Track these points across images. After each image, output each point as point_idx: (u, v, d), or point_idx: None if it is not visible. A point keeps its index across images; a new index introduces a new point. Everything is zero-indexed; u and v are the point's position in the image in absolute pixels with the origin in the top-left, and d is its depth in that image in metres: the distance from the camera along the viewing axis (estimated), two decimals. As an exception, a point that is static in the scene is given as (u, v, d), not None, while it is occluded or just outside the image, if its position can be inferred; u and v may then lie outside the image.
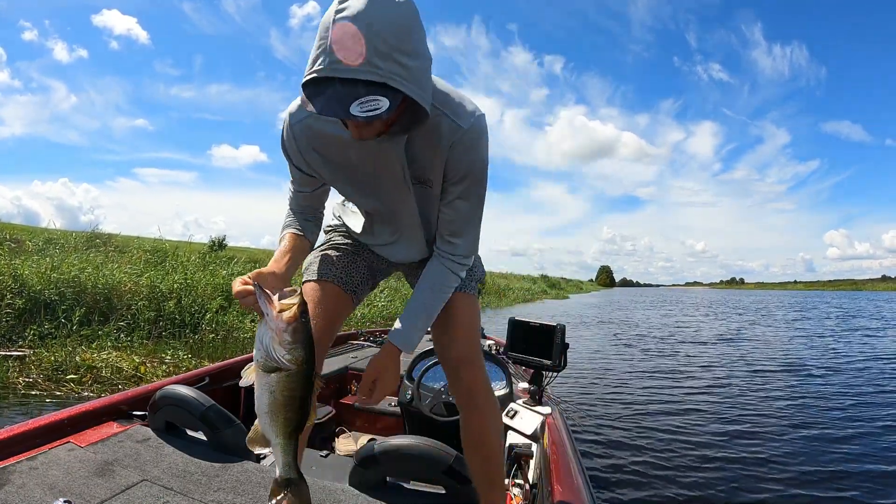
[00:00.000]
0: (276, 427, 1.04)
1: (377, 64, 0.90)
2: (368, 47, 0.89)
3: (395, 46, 0.91)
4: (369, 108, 0.90)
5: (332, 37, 0.89)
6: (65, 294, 7.13)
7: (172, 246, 13.92)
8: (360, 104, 0.90)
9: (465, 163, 1.22)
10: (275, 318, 0.98)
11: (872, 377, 7.70)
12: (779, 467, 3.88)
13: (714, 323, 19.17)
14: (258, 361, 1.02)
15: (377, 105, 0.91)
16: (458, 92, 1.21)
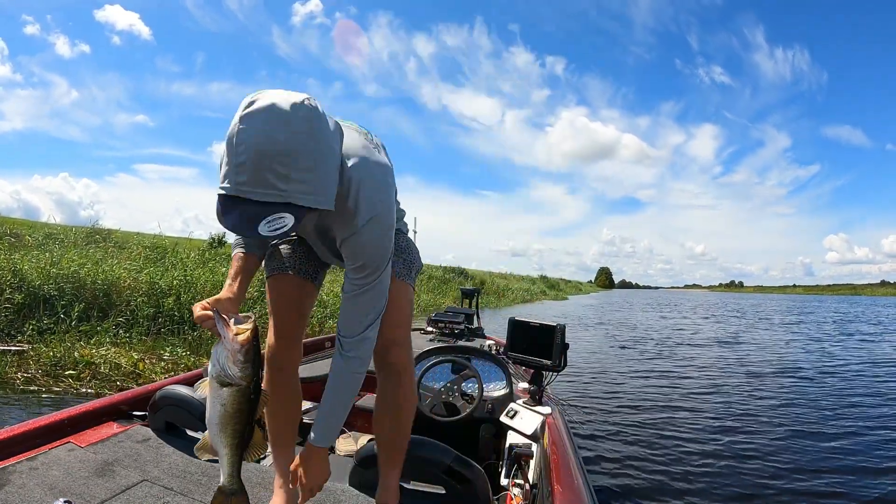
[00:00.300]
0: (223, 437, 1.12)
1: (280, 187, 0.94)
2: (270, 173, 0.93)
3: (295, 166, 0.95)
4: (275, 226, 0.97)
5: (235, 159, 0.92)
6: (64, 289, 7.10)
7: (172, 242, 13.91)
8: (267, 223, 0.96)
9: (358, 255, 1.25)
10: (231, 339, 1.08)
11: (868, 381, 7.74)
12: (777, 467, 3.89)
13: (713, 325, 19.20)
14: (212, 376, 1.10)
15: (283, 223, 0.98)
16: (374, 181, 1.21)
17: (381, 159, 1.26)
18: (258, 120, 0.92)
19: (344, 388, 1.37)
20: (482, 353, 2.83)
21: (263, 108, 0.92)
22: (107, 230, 13.32)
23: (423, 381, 2.63)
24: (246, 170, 0.91)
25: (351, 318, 1.30)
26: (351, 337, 1.30)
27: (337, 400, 1.38)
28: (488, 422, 2.56)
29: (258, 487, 1.63)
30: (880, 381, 7.76)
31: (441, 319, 4.54)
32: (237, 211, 0.95)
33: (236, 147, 0.91)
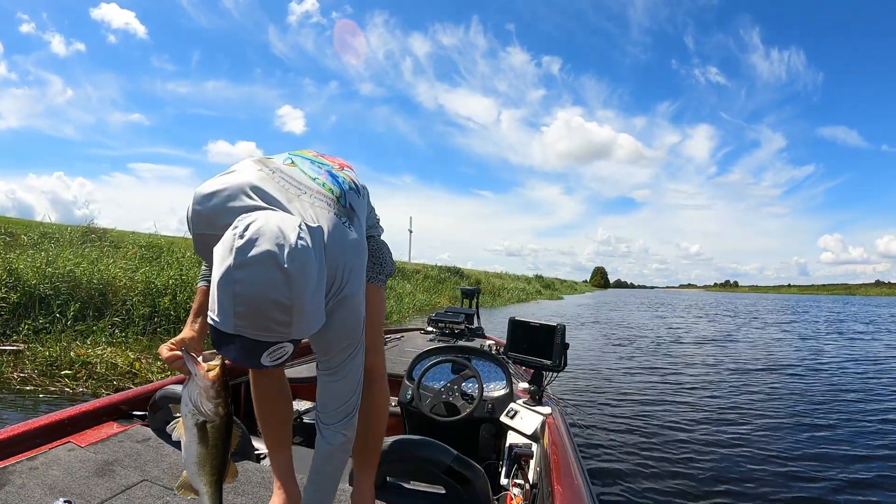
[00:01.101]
0: (203, 476, 1.14)
1: (281, 330, 0.93)
2: (272, 322, 0.91)
3: (297, 313, 0.93)
4: (277, 356, 0.96)
5: (234, 308, 0.89)
6: (60, 289, 7.08)
7: (168, 241, 13.86)
8: (269, 354, 0.95)
9: (329, 341, 1.25)
10: (202, 377, 1.09)
11: (862, 378, 7.81)
12: (776, 466, 3.91)
13: (709, 325, 19.27)
14: (186, 416, 1.12)
15: (284, 352, 0.97)
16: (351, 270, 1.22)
17: (352, 236, 1.21)
18: (257, 274, 0.88)
19: (335, 468, 1.34)
20: (482, 353, 2.83)
21: (262, 261, 0.89)
22: (102, 229, 13.25)
23: (423, 381, 2.62)
24: (246, 317, 0.89)
25: (327, 403, 1.29)
26: (331, 424, 1.29)
27: (328, 481, 1.34)
28: (488, 422, 2.56)
29: (258, 487, 1.63)
30: (872, 378, 7.84)
31: (441, 319, 4.54)
32: (236, 345, 0.92)
33: (235, 298, 0.88)
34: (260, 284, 0.89)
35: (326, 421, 1.29)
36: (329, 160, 1.36)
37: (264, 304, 0.89)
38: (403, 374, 2.73)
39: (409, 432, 2.68)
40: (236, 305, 0.89)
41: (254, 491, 1.60)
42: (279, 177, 1.18)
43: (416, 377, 2.63)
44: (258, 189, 1.12)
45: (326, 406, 1.28)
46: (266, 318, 0.90)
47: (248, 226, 0.92)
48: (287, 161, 1.26)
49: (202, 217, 1.15)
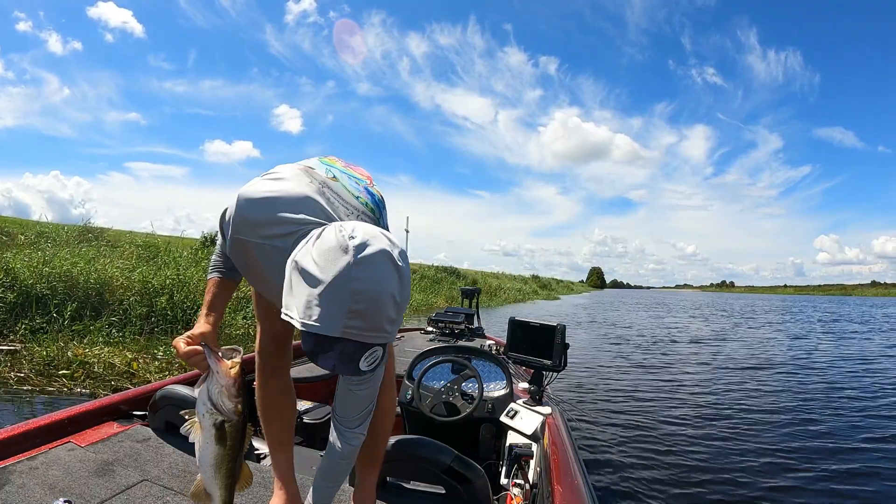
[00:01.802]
0: (219, 479, 1.13)
1: (388, 329, 0.93)
2: (385, 320, 0.91)
3: (401, 307, 0.95)
4: (373, 360, 0.94)
5: (352, 306, 0.88)
6: (56, 288, 7.06)
7: (164, 241, 13.83)
8: (366, 359, 0.93)
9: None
10: (224, 374, 1.07)
11: (856, 376, 7.87)
12: (776, 466, 3.93)
13: (706, 325, 19.31)
14: (203, 416, 1.09)
15: (377, 356, 0.94)
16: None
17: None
18: (378, 269, 0.90)
19: (344, 467, 1.40)
20: (482, 353, 2.83)
21: (380, 257, 0.90)
22: (99, 229, 13.22)
23: (423, 381, 2.62)
24: (361, 316, 0.88)
25: (348, 409, 1.34)
26: (350, 429, 1.35)
27: (342, 477, 1.42)
28: (488, 422, 2.56)
29: (258, 487, 1.62)
30: (864, 376, 7.90)
31: (441, 319, 4.54)
32: (335, 351, 0.91)
33: (354, 295, 0.87)
34: (380, 281, 0.90)
35: (347, 426, 1.33)
36: (358, 173, 1.34)
37: (383, 301, 0.90)
38: (403, 374, 2.73)
39: (409, 432, 2.68)
40: (354, 303, 0.88)
41: (254, 491, 1.59)
42: (328, 191, 1.17)
43: (416, 377, 2.63)
44: (312, 202, 1.11)
45: (347, 412, 1.33)
46: (381, 316, 0.90)
47: (355, 228, 0.93)
48: (329, 175, 1.24)
49: (247, 222, 1.12)
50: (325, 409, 2.56)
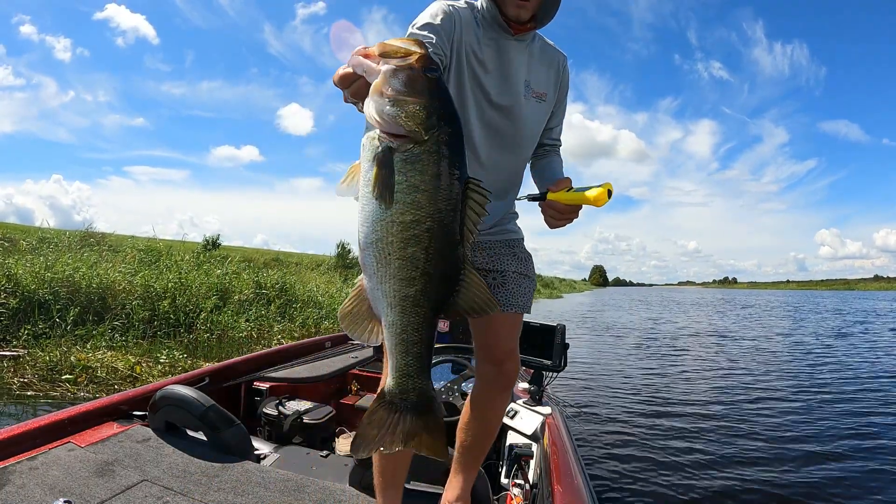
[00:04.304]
0: (390, 283, 0.70)
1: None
2: None
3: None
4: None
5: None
6: (59, 293, 7.08)
7: (166, 245, 13.86)
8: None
9: (567, 79, 1.62)
10: (379, 63, 0.71)
11: (868, 374, 7.78)
12: (775, 466, 3.91)
13: (708, 322, 19.24)
14: (363, 149, 0.72)
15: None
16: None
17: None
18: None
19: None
20: None
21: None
22: (100, 234, 13.27)
23: None
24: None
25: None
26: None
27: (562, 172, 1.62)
28: None
29: (258, 487, 1.62)
30: (879, 375, 7.83)
31: (442, 319, 4.53)
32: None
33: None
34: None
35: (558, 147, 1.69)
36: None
37: None
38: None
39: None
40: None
41: (254, 491, 1.60)
42: None
43: None
44: None
45: (558, 139, 1.71)
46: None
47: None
48: None
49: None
50: (325, 409, 2.56)
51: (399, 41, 0.72)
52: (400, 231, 0.69)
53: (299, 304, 10.75)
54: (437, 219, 0.69)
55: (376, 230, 0.69)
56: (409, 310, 0.71)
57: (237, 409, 2.68)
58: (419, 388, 0.77)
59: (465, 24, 1.39)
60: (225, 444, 1.82)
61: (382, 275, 0.70)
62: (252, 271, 12.00)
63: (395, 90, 0.69)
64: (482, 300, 0.75)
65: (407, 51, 0.71)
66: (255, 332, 8.66)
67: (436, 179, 0.69)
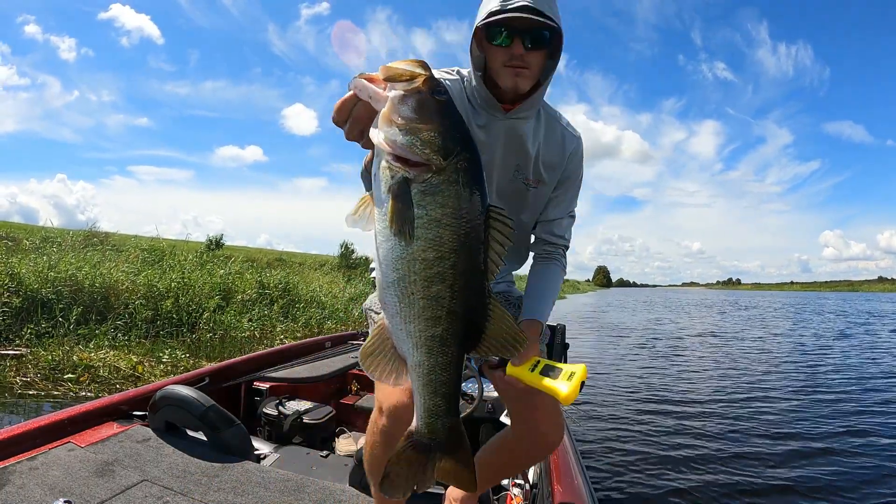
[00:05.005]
0: (415, 323, 0.66)
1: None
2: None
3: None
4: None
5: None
6: (62, 293, 7.10)
7: (169, 245, 13.90)
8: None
9: (576, 166, 1.46)
10: (385, 88, 0.68)
11: (873, 376, 7.75)
12: (777, 467, 3.89)
13: (711, 323, 19.20)
14: (375, 180, 0.68)
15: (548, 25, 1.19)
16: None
17: None
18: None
19: (556, 290, 1.47)
20: None
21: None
22: (104, 233, 13.31)
23: None
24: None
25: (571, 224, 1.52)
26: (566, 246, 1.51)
27: (552, 296, 1.44)
28: (488, 422, 2.55)
29: (258, 487, 1.62)
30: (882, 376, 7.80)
31: None
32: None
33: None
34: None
35: (563, 244, 1.51)
36: None
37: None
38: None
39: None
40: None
41: (254, 491, 1.60)
42: None
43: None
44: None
45: (563, 231, 1.51)
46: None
47: None
48: None
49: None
50: (325, 409, 2.56)
51: (403, 63, 0.70)
52: (423, 269, 0.65)
53: (302, 304, 10.77)
54: (462, 254, 0.66)
55: (397, 268, 0.66)
56: (437, 350, 0.68)
57: (237, 409, 2.69)
58: (448, 426, 0.74)
59: (455, 100, 1.29)
60: (225, 444, 1.83)
61: (406, 314, 0.67)
62: (255, 271, 12.02)
63: (407, 117, 0.66)
64: (510, 335, 0.71)
65: (412, 73, 0.68)
66: (258, 332, 8.67)
67: (458, 211, 0.65)
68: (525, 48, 1.22)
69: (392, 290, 0.67)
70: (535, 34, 1.22)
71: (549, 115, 1.43)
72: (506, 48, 1.23)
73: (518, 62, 1.23)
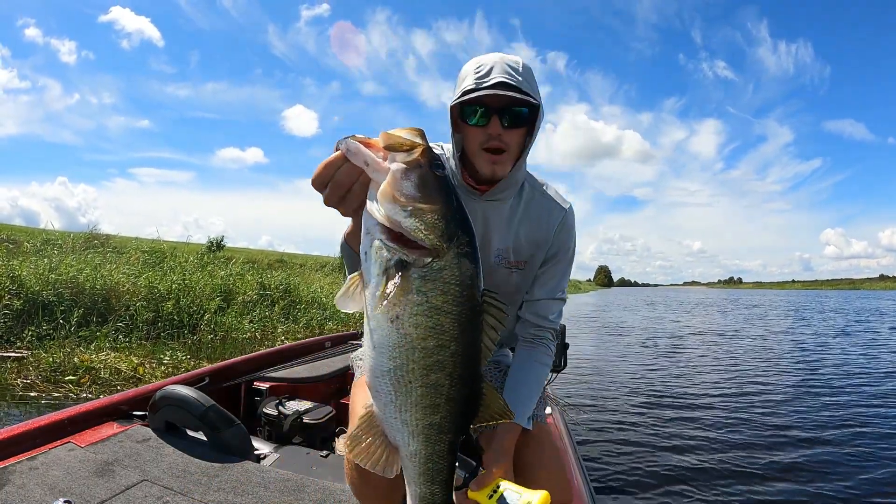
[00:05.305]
0: (412, 412, 0.64)
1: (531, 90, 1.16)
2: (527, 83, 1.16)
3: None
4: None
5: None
6: (63, 295, 7.10)
7: (170, 247, 13.91)
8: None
9: (564, 240, 1.36)
10: (385, 161, 0.65)
11: (872, 372, 7.74)
12: (777, 468, 3.88)
13: (712, 322, 19.18)
14: (369, 257, 0.65)
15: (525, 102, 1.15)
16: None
17: None
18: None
19: (542, 382, 1.36)
20: None
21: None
22: (105, 235, 13.32)
23: None
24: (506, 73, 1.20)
25: (561, 306, 1.42)
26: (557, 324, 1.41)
27: (538, 387, 1.33)
28: None
29: (258, 487, 1.62)
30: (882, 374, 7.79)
31: None
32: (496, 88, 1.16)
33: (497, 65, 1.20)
34: (524, 67, 1.21)
35: (549, 325, 1.39)
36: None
37: (523, 73, 1.19)
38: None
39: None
40: (494, 69, 1.16)
41: (254, 491, 1.60)
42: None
43: None
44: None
45: (549, 314, 1.39)
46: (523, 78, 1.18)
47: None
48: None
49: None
50: (325, 409, 2.56)
51: (403, 132, 0.67)
52: (423, 357, 0.63)
53: (303, 305, 10.77)
54: (462, 341, 0.64)
55: (394, 357, 0.64)
56: (434, 438, 0.67)
57: (237, 409, 2.69)
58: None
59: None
60: (225, 444, 1.83)
61: (402, 403, 0.65)
62: (256, 272, 12.02)
63: (410, 196, 0.63)
64: (500, 415, 0.71)
65: (412, 143, 0.66)
66: (259, 333, 8.68)
67: (458, 298, 0.64)
68: (502, 127, 1.17)
69: (387, 378, 0.65)
70: (512, 112, 1.17)
71: (532, 187, 1.36)
72: (482, 128, 1.18)
73: (496, 142, 1.18)
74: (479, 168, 1.22)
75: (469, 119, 1.18)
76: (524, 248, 1.34)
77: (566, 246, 1.38)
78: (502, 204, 1.30)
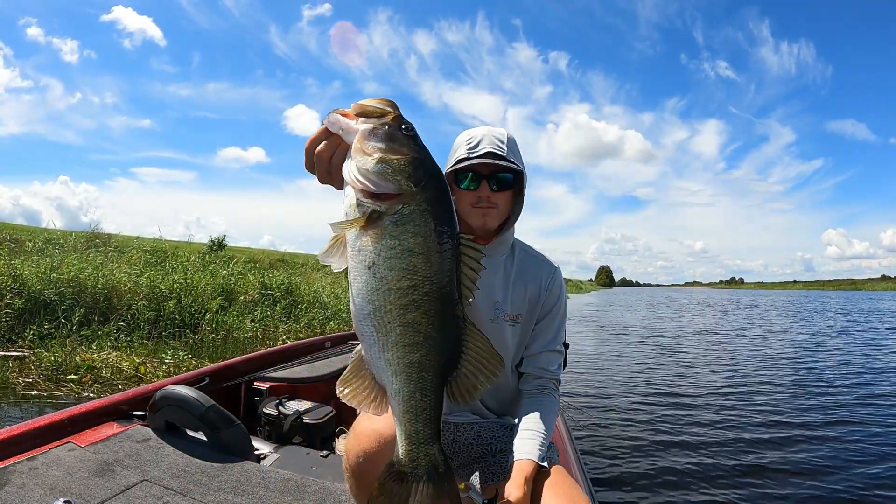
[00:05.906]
0: (393, 351, 0.67)
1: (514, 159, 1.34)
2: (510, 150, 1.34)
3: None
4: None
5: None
6: (64, 294, 7.12)
7: (172, 246, 13.92)
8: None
9: (555, 297, 1.47)
10: (356, 122, 0.71)
11: (871, 371, 7.71)
12: (778, 469, 3.88)
13: (716, 323, 19.14)
14: (346, 217, 0.70)
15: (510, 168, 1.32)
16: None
17: None
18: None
19: (552, 423, 1.40)
20: None
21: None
22: (107, 234, 13.33)
23: None
24: (493, 143, 1.37)
25: (561, 354, 1.50)
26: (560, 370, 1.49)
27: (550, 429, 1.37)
28: None
29: (258, 487, 1.62)
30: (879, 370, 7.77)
31: None
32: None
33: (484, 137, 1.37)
34: (510, 138, 1.38)
35: (551, 375, 1.45)
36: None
37: (508, 144, 1.35)
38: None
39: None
40: (483, 140, 1.34)
41: (254, 491, 1.60)
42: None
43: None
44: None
45: (550, 365, 1.47)
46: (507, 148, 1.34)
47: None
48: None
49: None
50: (325, 409, 2.56)
51: (374, 101, 0.73)
52: (398, 298, 0.67)
53: (305, 304, 10.78)
54: (436, 280, 0.68)
55: (373, 300, 0.67)
56: (416, 375, 0.70)
57: (237, 409, 2.69)
58: (430, 454, 0.74)
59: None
60: (225, 444, 1.83)
61: (384, 343, 0.69)
62: (258, 272, 12.03)
63: (377, 147, 0.68)
64: (487, 356, 0.73)
65: (383, 111, 0.72)
66: (261, 333, 8.68)
67: (430, 240, 0.68)
68: (491, 190, 1.36)
69: (368, 320, 0.69)
70: (499, 178, 1.36)
71: (522, 249, 1.52)
72: (473, 191, 1.36)
73: (485, 203, 1.36)
74: (471, 223, 1.38)
75: (461, 183, 1.37)
76: (520, 303, 1.45)
77: (558, 303, 1.49)
78: (495, 261, 1.44)
